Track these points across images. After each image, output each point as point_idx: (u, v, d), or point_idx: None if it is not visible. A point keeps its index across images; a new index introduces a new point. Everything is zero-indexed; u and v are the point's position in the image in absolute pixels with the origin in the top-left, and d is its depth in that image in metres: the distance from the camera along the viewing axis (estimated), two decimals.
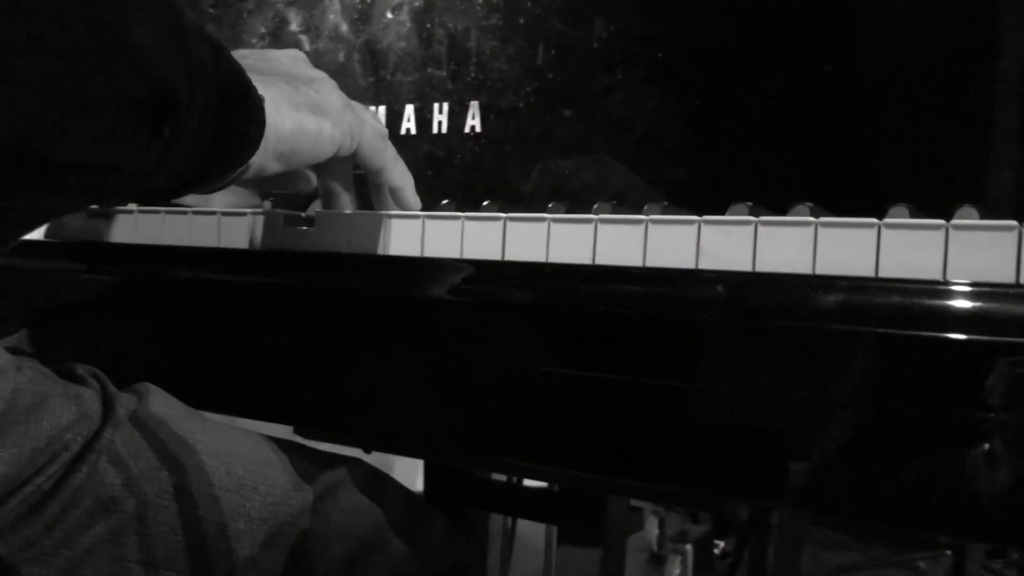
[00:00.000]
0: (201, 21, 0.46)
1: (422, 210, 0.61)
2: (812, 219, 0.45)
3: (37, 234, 0.73)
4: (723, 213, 0.51)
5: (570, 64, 0.68)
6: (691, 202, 0.58)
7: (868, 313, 0.42)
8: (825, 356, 0.43)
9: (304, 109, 0.52)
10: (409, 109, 0.75)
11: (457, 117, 0.72)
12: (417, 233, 0.55)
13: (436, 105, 0.73)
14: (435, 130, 0.73)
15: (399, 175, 0.60)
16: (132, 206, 0.69)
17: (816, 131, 0.58)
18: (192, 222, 0.65)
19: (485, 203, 0.64)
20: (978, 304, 0.40)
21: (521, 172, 0.70)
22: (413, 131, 0.74)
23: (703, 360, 0.46)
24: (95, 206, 0.67)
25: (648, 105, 0.65)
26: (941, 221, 0.42)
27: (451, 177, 0.73)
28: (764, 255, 0.46)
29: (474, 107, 0.71)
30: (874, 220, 0.44)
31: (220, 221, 0.64)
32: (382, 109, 0.75)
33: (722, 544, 1.95)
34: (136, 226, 0.68)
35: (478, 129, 0.71)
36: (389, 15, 0.76)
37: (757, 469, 0.45)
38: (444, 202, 0.68)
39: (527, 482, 1.08)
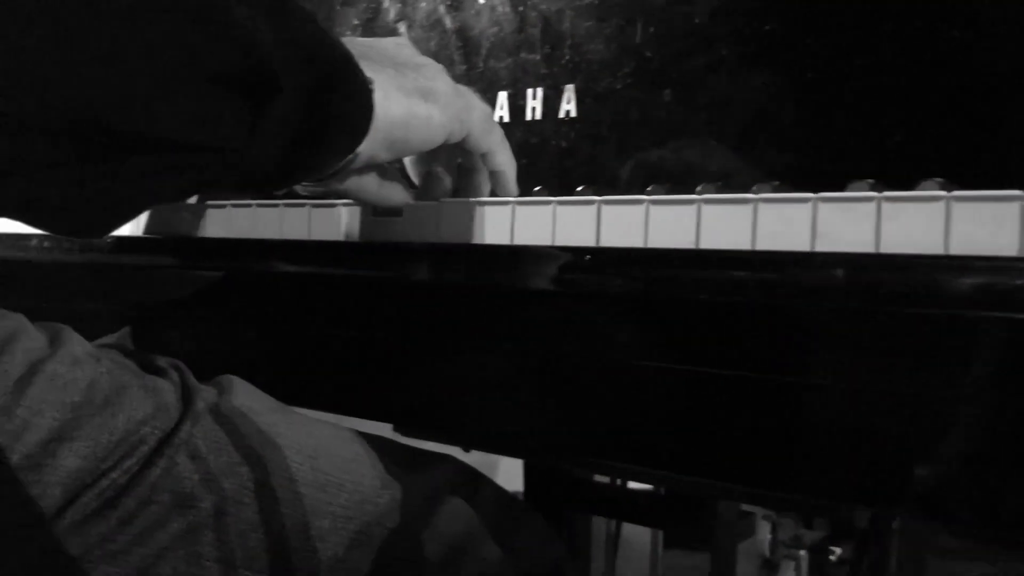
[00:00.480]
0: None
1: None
2: (944, 193, 0.40)
3: (136, 230, 0.73)
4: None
5: (670, 42, 0.64)
6: (804, 185, 0.53)
7: (1011, 297, 0.37)
8: (959, 347, 0.38)
9: (414, 95, 0.50)
10: (502, 96, 0.72)
11: (551, 102, 0.69)
12: (507, 220, 0.53)
13: (530, 91, 0.71)
14: (529, 116, 0.71)
15: (505, 159, 0.58)
16: (226, 200, 0.68)
17: (944, 100, 0.52)
18: (283, 215, 0.64)
19: (579, 188, 0.60)
20: None
21: (619, 157, 0.66)
22: (506, 118, 0.71)
23: (820, 352, 0.42)
24: (197, 194, 0.66)
25: (756, 82, 0.61)
26: None
27: (546, 164, 0.70)
28: (889, 235, 0.41)
29: (569, 91, 0.68)
30: (1017, 192, 0.38)
31: (311, 213, 0.62)
32: None
33: (839, 551, 1.87)
34: (229, 219, 0.68)
35: (573, 114, 0.68)
36: (482, 0, 0.74)
37: (880, 472, 0.41)
38: (537, 189, 0.65)
39: (632, 484, 1.04)
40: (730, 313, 0.44)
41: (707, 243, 0.46)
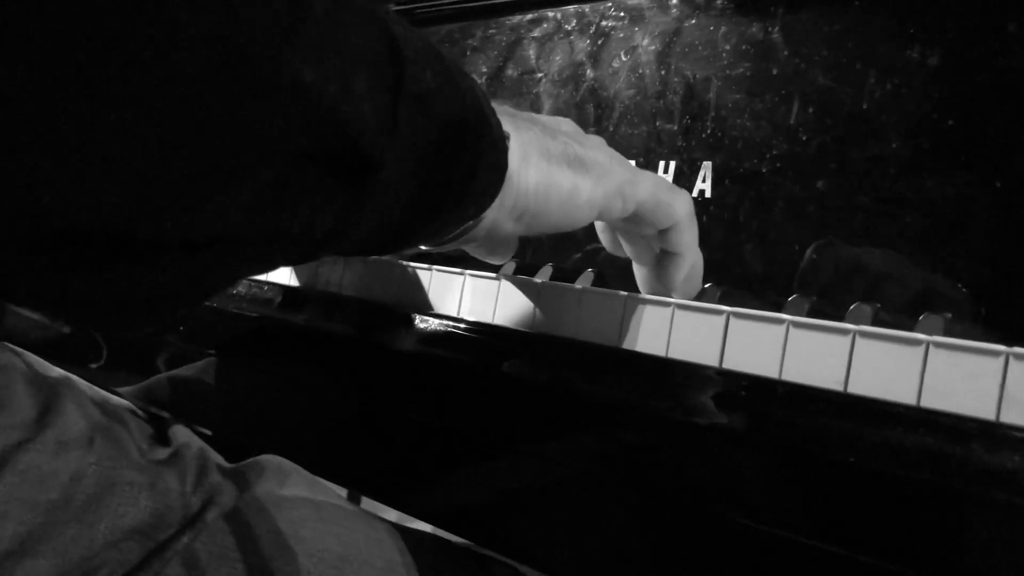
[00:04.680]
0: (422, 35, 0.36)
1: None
2: None
3: None
4: None
5: (831, 127, 0.56)
6: (985, 319, 0.44)
7: None
8: None
9: (558, 161, 0.41)
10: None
11: (685, 178, 0.62)
12: (616, 318, 0.45)
13: (662, 163, 0.63)
14: None
15: (687, 240, 0.47)
16: None
17: None
18: (403, 276, 0.57)
19: (707, 285, 0.52)
20: None
21: (755, 248, 0.58)
22: None
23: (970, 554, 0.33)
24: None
25: (928, 183, 0.51)
26: None
27: None
28: None
29: (706, 168, 0.61)
30: None
31: (432, 277, 0.55)
32: None
33: None
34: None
35: (708, 194, 0.60)
36: (621, 58, 0.67)
37: None
38: None
39: None
40: (883, 483, 0.35)
41: (858, 386, 0.37)
